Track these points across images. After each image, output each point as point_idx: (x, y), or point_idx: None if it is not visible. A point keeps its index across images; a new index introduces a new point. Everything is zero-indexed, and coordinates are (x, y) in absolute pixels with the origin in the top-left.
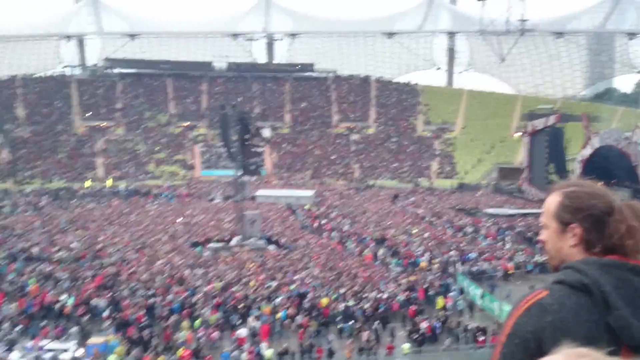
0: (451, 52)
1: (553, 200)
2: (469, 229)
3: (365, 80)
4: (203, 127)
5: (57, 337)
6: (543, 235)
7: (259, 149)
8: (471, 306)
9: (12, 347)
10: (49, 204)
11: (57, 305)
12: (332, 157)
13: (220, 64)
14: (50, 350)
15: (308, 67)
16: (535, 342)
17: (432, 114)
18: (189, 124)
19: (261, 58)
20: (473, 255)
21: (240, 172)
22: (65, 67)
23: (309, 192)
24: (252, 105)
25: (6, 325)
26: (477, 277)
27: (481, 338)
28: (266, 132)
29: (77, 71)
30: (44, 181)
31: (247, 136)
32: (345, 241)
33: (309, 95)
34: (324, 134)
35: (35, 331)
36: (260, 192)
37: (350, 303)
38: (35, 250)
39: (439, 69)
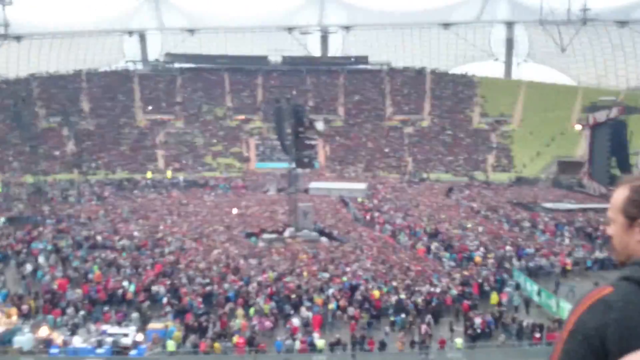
0: (509, 43)
1: (620, 194)
2: (526, 224)
3: (420, 72)
4: (258, 120)
5: (119, 322)
6: (609, 230)
7: (312, 142)
8: (527, 302)
9: (75, 331)
10: (113, 194)
11: (119, 292)
12: (385, 150)
13: (275, 57)
14: (111, 334)
15: (362, 59)
16: (598, 340)
17: (489, 106)
18: (244, 117)
19: (316, 51)
20: (530, 250)
21: (293, 165)
22: (128, 61)
23: (362, 185)
24: (306, 98)
25: (70, 310)
26: (534, 273)
27: (537, 335)
28: (319, 125)
29: (139, 66)
30: (107, 172)
31: (301, 129)
32: (397, 234)
33: (362, 88)
34: (378, 126)
35: (98, 316)
36: (313, 185)
37: (402, 296)
38: (99, 238)
39: (496, 59)
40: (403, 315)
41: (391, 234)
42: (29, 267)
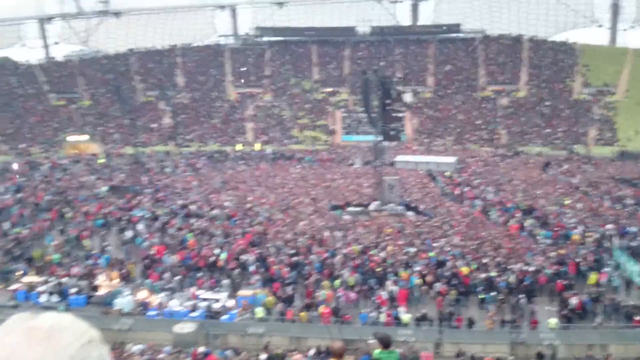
0: (615, 8)
1: None
2: (630, 201)
3: (517, 39)
4: (345, 93)
5: (211, 288)
6: None
7: (400, 114)
8: (628, 283)
9: (171, 295)
10: (205, 165)
11: (212, 259)
12: (477, 122)
13: (363, 28)
14: (205, 299)
15: (454, 27)
16: None
17: (592, 76)
18: (331, 90)
19: (405, 20)
20: (633, 229)
21: (380, 138)
22: (220, 36)
23: (451, 159)
24: (394, 69)
25: (167, 275)
26: (637, 253)
27: (637, 317)
28: (407, 97)
29: (230, 40)
30: (200, 144)
31: (388, 101)
32: (488, 210)
33: (454, 58)
34: (469, 97)
35: (192, 281)
36: (400, 158)
37: (493, 274)
38: (193, 207)
39: (600, 26)
40: (493, 293)
41: (481, 210)
42: (129, 234)
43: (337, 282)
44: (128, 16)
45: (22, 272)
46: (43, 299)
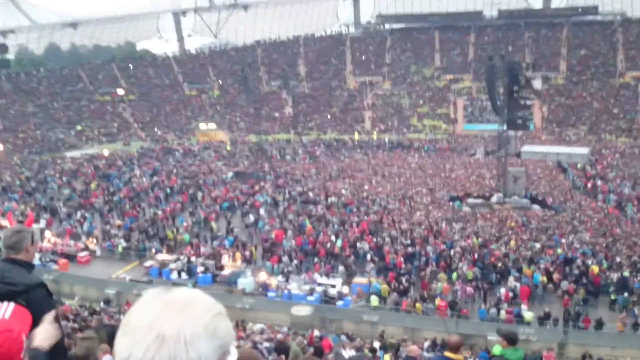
0: None
1: None
2: None
3: None
4: (467, 80)
5: (327, 274)
6: None
7: (528, 102)
8: None
9: (289, 278)
10: (323, 153)
11: (328, 245)
12: (614, 111)
13: (491, 12)
14: (321, 284)
15: (591, 9)
16: None
17: None
18: (453, 77)
19: (537, 3)
20: None
21: (504, 126)
22: (342, 25)
23: (584, 150)
24: (522, 54)
25: (285, 258)
26: None
27: None
28: (537, 84)
29: (352, 29)
30: (320, 133)
31: (516, 88)
32: (624, 205)
33: (590, 42)
34: (606, 84)
35: (309, 266)
36: (527, 148)
37: (627, 274)
38: (311, 194)
39: None
40: (626, 295)
41: (616, 205)
42: (251, 218)
43: (454, 275)
44: (256, 8)
45: (155, 250)
46: (174, 275)
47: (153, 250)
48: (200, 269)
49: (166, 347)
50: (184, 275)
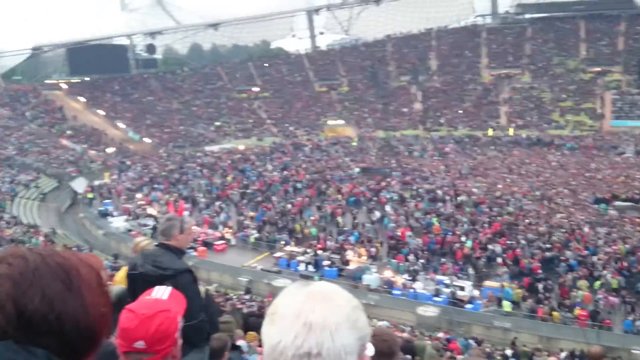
0: None
1: None
2: None
3: None
4: (617, 73)
5: (455, 275)
6: None
7: None
8: None
9: (415, 277)
10: (454, 150)
11: (457, 246)
12: None
13: None
14: (448, 285)
15: None
16: None
17: None
18: (600, 69)
19: None
20: None
21: None
22: (478, 16)
23: None
24: None
25: (411, 257)
26: None
27: None
28: None
29: (488, 20)
30: (450, 128)
31: None
32: None
33: None
34: None
35: (436, 266)
36: None
37: None
38: (439, 192)
39: None
40: None
41: None
42: (377, 214)
43: (597, 283)
44: (387, 3)
45: (284, 242)
46: (301, 267)
47: (282, 242)
48: (326, 262)
49: (314, 334)
50: (310, 268)
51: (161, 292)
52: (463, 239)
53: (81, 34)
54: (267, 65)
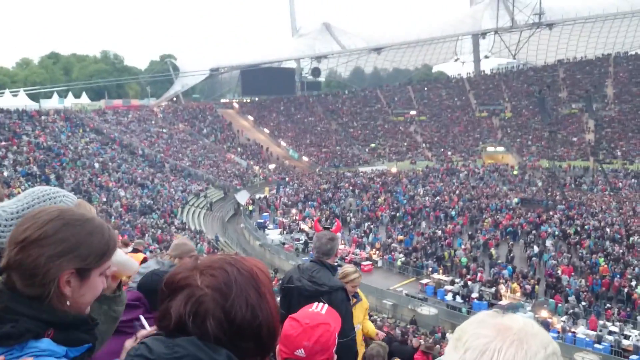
0: None
1: None
2: None
3: None
4: None
5: (621, 322)
6: None
7: None
8: None
9: (575, 320)
10: (628, 185)
11: (625, 290)
12: None
13: None
14: (612, 332)
15: None
16: None
17: None
18: None
19: None
20: None
21: None
22: None
23: None
24: None
25: (572, 298)
26: None
27: None
28: None
29: None
30: (625, 162)
31: None
32: None
33: None
34: None
35: (600, 310)
36: None
37: None
38: (608, 230)
39: None
40: None
41: None
42: (535, 249)
43: None
44: (561, 27)
45: (432, 269)
46: (448, 297)
47: (430, 269)
48: (475, 294)
49: None
50: (458, 299)
51: (320, 307)
52: (633, 283)
53: (254, 57)
54: (426, 89)
